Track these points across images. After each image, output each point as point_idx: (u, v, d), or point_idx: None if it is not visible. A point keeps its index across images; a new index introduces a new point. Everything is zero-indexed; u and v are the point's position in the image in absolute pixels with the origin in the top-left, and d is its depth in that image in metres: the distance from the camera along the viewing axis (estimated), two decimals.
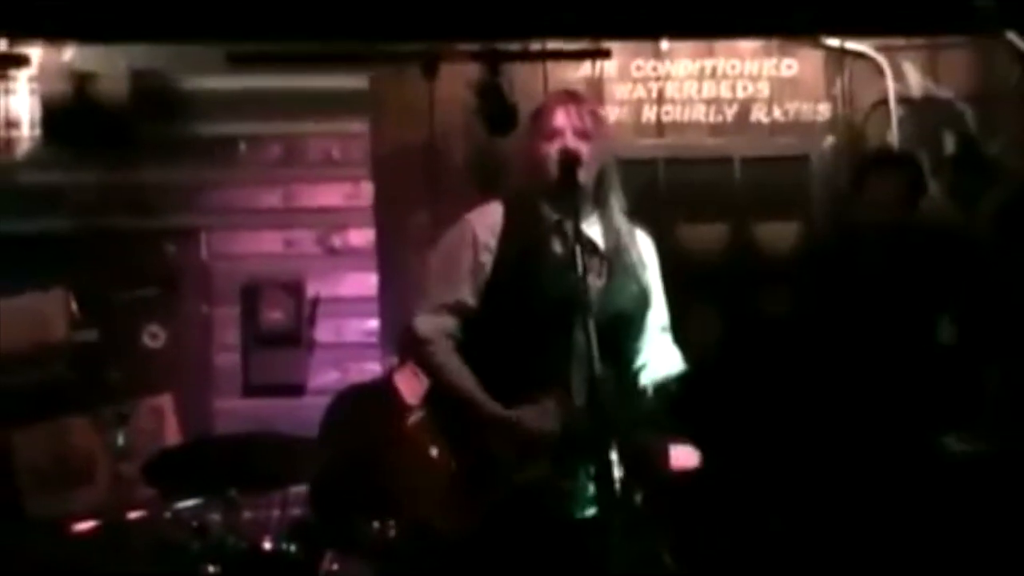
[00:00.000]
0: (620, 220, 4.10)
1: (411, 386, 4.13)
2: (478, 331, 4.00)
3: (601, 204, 4.06)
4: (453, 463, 3.90)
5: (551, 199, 4.01)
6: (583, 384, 3.86)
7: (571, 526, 3.91)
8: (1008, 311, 5.26)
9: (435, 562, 4.00)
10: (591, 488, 3.88)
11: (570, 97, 4.17)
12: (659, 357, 4.14)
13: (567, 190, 3.91)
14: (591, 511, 3.89)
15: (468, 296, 4.00)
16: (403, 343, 4.20)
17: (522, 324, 3.93)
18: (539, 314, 3.92)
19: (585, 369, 3.81)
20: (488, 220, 4.05)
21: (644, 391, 4.10)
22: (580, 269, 3.82)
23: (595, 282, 3.92)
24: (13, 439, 5.97)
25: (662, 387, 4.04)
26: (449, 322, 4.01)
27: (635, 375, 4.09)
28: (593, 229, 4.02)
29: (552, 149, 3.98)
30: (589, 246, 3.93)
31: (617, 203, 4.11)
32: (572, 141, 3.98)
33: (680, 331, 4.16)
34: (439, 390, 4.00)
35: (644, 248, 4.18)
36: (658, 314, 4.18)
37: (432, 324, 4.01)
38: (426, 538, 4.03)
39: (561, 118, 4.02)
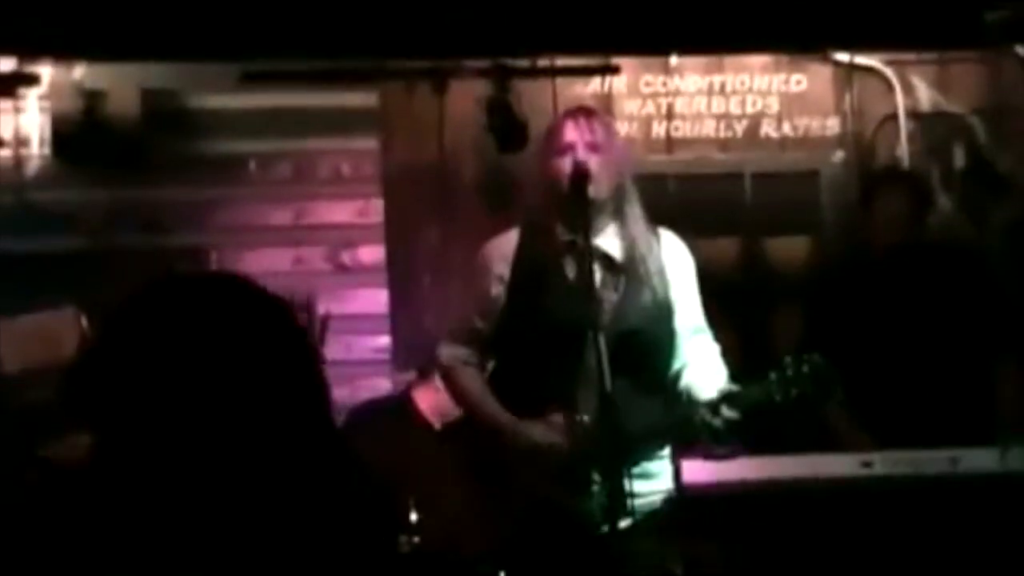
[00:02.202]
0: (638, 231, 4.09)
1: (431, 401, 4.18)
2: (496, 354, 4.11)
3: (619, 216, 4.05)
4: (469, 475, 3.93)
5: (564, 215, 4.01)
6: (595, 400, 3.87)
7: (590, 543, 3.92)
8: (1019, 326, 5.25)
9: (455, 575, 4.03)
10: (607, 504, 3.88)
11: (580, 111, 4.18)
12: (697, 359, 4.13)
13: (578, 204, 3.92)
14: (606, 527, 3.89)
15: (481, 324, 4.10)
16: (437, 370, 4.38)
17: (535, 346, 3.96)
18: (551, 335, 3.95)
19: (597, 386, 3.83)
20: (503, 250, 4.12)
21: (682, 394, 4.10)
22: (592, 287, 3.84)
23: (609, 296, 3.93)
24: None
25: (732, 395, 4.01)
26: (463, 352, 4.13)
27: (671, 381, 4.09)
28: (609, 242, 4.01)
29: (564, 164, 3.98)
30: (604, 261, 3.94)
31: (635, 214, 4.09)
32: (583, 154, 3.97)
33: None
34: (463, 412, 4.09)
35: (670, 253, 4.17)
36: (689, 316, 4.17)
37: (449, 352, 4.16)
38: (447, 556, 4.05)
39: (571, 132, 4.02)
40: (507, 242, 4.12)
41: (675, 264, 4.16)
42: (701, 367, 4.15)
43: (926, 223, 5.36)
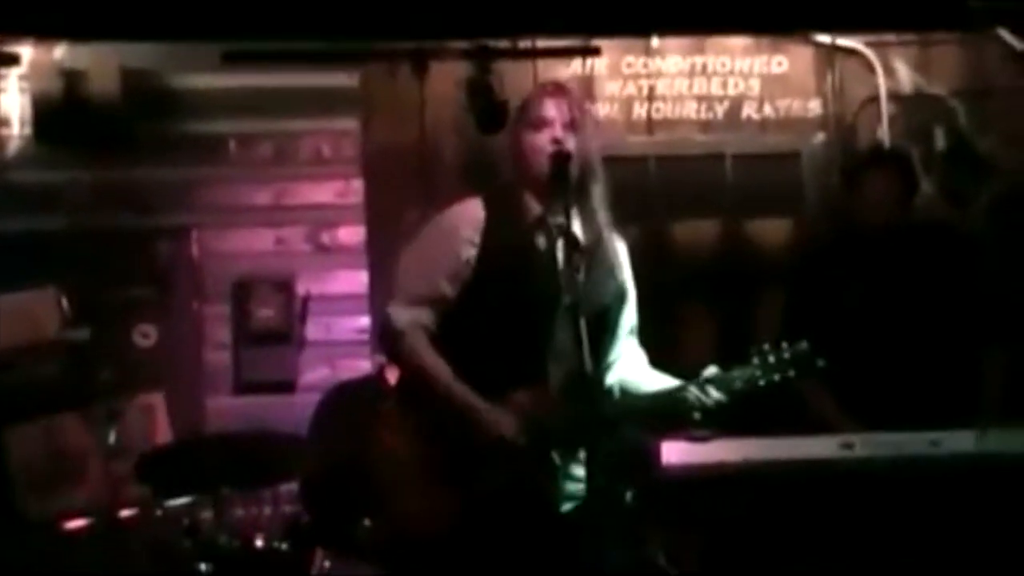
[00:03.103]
0: (601, 216, 4.05)
1: None
2: (456, 324, 3.96)
3: (582, 199, 4.01)
4: (431, 457, 3.88)
5: (537, 192, 3.98)
6: (563, 378, 3.86)
7: (557, 523, 3.89)
8: (1002, 307, 5.26)
9: (422, 560, 3.98)
10: (577, 484, 3.88)
11: (559, 89, 4.14)
12: (627, 358, 4.12)
13: (557, 185, 3.90)
14: (578, 507, 3.88)
15: (447, 288, 3.95)
16: (379, 336, 4.21)
17: (503, 317, 3.90)
18: (521, 307, 3.89)
19: (566, 363, 3.82)
20: (469, 215, 4.00)
21: (613, 388, 4.09)
22: (563, 263, 3.83)
23: (577, 275, 3.88)
24: (5, 437, 5.96)
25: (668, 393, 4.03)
26: (425, 315, 3.96)
27: (602, 371, 4.07)
28: (574, 224, 3.97)
29: (541, 140, 3.95)
30: (571, 240, 3.90)
31: (599, 199, 4.06)
32: (560, 133, 3.95)
33: (671, 328, 4.15)
34: (415, 382, 3.99)
35: (621, 251, 4.16)
36: (630, 316, 4.16)
37: (408, 316, 3.96)
38: (409, 535, 4.00)
39: (551, 109, 3.99)
40: (474, 208, 4.01)
41: (624, 261, 4.15)
42: (634, 367, 4.13)
43: (910, 206, 5.36)
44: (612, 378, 4.09)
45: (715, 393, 3.93)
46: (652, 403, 4.04)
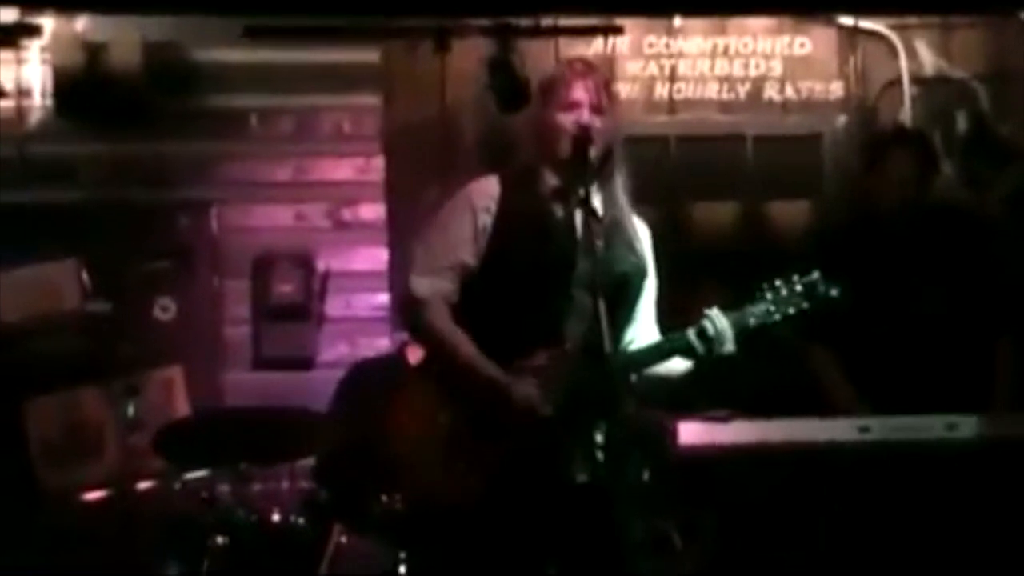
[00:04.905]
0: (622, 197, 4.07)
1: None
2: (477, 293, 3.97)
3: (604, 179, 4.03)
4: (450, 433, 3.88)
5: (558, 169, 3.99)
6: (580, 347, 3.86)
7: (574, 496, 3.90)
8: (1020, 291, 5.25)
9: (438, 535, 3.99)
10: (594, 458, 3.88)
11: (589, 69, 4.13)
12: (643, 339, 4.11)
13: (578, 165, 3.90)
14: (595, 481, 3.89)
15: (469, 257, 3.96)
16: (401, 308, 4.22)
17: (520, 286, 3.90)
18: (538, 275, 3.90)
19: (583, 333, 3.84)
20: (486, 189, 4.02)
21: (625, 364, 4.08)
22: (582, 232, 3.85)
23: (595, 246, 3.87)
24: (24, 409, 5.99)
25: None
26: (447, 285, 3.96)
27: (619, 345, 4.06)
28: (594, 199, 3.98)
29: (567, 121, 3.96)
30: (590, 212, 3.91)
31: (621, 180, 4.07)
32: (588, 116, 3.95)
33: (690, 308, 4.13)
34: (435, 357, 3.99)
35: (642, 233, 4.16)
36: (649, 296, 4.15)
37: (430, 286, 3.97)
38: (426, 511, 4.01)
39: (579, 91, 3.99)
40: (490, 183, 4.03)
41: (645, 244, 4.14)
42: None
43: (929, 187, 5.35)
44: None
45: (729, 331, 3.91)
46: (667, 346, 4.00)
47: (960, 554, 4.60)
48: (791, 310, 4.00)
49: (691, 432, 4.55)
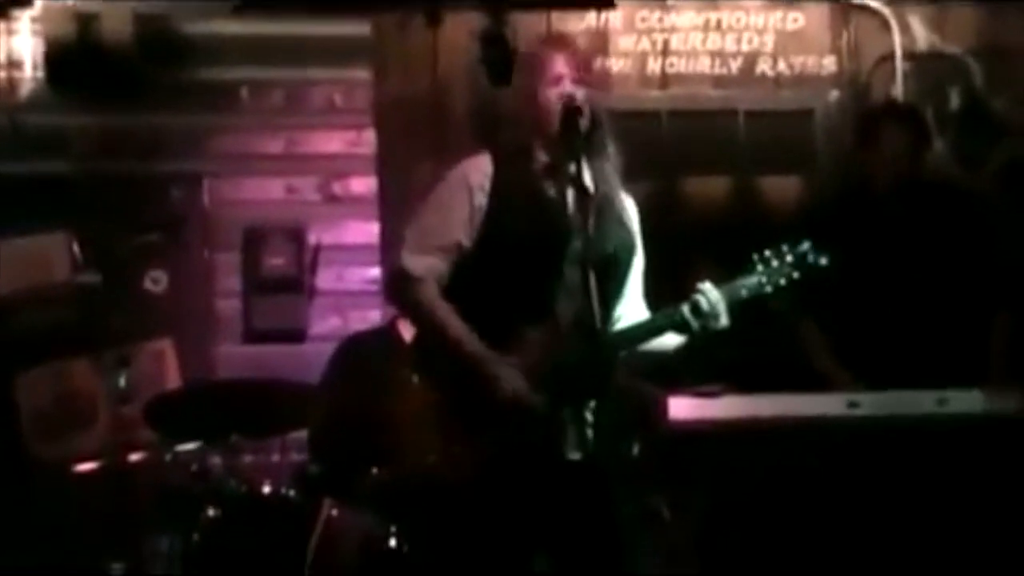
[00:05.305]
0: (610, 172, 4.07)
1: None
2: (468, 271, 3.97)
3: (592, 152, 4.02)
4: (441, 408, 3.89)
5: (548, 146, 3.99)
6: (571, 324, 3.86)
7: (564, 472, 3.90)
8: (1012, 267, 5.26)
9: (428, 509, 4.00)
10: (584, 434, 3.89)
11: (566, 43, 4.16)
12: (632, 315, 4.12)
13: (568, 138, 3.90)
14: (585, 458, 3.89)
15: (464, 238, 3.96)
16: (391, 284, 4.22)
17: (512, 265, 3.90)
18: (530, 253, 3.90)
19: (573, 310, 3.84)
20: (480, 166, 4.02)
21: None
22: (574, 209, 3.85)
23: (586, 223, 3.87)
24: (15, 381, 5.98)
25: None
26: (441, 265, 3.97)
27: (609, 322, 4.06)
28: (584, 174, 3.98)
29: (553, 95, 3.96)
30: (581, 188, 3.91)
31: (608, 152, 4.07)
32: (571, 88, 3.96)
33: (680, 283, 4.13)
34: (427, 332, 3.99)
35: (630, 208, 4.16)
36: (638, 271, 4.16)
37: (424, 263, 3.96)
38: (417, 485, 4.02)
39: (560, 64, 4.00)
40: (482, 161, 4.03)
41: (633, 218, 4.14)
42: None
43: (921, 162, 5.36)
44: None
45: (722, 305, 3.91)
46: (661, 322, 4.00)
47: (950, 530, 4.60)
48: (782, 280, 4.00)
49: (681, 407, 4.56)
